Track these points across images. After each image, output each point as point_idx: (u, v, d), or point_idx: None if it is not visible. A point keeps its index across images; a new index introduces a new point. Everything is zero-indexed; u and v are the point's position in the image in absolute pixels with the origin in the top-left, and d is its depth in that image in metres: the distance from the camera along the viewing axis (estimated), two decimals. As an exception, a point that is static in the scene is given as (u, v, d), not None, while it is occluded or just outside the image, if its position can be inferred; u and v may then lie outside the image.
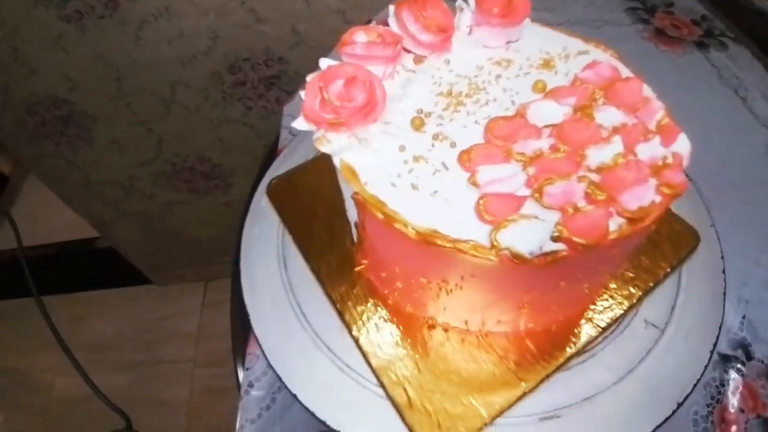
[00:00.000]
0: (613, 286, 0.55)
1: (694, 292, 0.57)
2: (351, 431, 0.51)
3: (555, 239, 0.38)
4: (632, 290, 0.55)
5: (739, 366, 0.57)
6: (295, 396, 0.53)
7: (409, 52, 0.51)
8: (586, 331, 0.53)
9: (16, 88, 1.07)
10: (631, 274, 0.55)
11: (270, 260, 0.62)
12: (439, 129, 0.45)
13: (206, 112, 1.19)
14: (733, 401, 0.56)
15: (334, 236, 0.60)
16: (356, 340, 0.53)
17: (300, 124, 0.45)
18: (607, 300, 0.54)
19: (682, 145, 0.42)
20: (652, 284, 0.55)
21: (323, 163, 0.49)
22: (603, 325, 0.53)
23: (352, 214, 0.50)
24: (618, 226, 0.39)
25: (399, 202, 0.41)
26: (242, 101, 1.19)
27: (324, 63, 0.47)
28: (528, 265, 0.38)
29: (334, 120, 0.43)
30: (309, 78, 0.46)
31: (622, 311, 0.54)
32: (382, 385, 0.51)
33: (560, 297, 0.49)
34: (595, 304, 0.54)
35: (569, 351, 0.51)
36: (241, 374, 0.61)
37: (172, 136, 1.22)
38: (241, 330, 0.63)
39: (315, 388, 0.53)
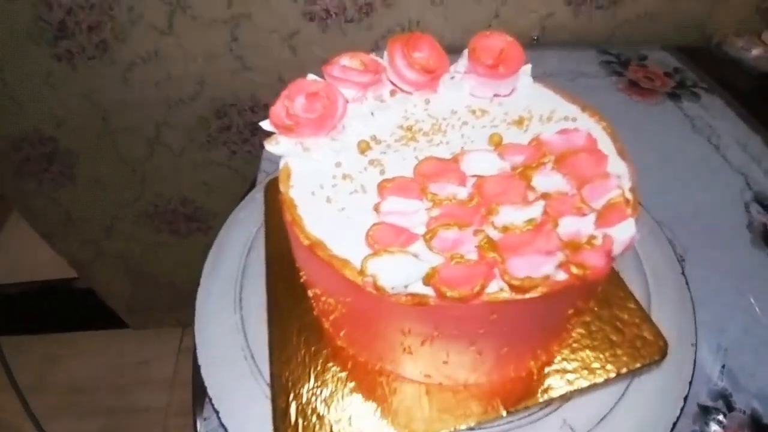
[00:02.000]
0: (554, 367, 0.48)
1: (635, 413, 0.47)
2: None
3: (424, 282, 0.35)
4: (559, 382, 0.47)
5: (720, 418, 0.51)
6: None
7: (395, 85, 0.52)
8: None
9: (3, 122, 1.05)
10: (568, 366, 0.48)
11: (225, 305, 0.57)
12: (380, 156, 0.46)
13: (191, 154, 1.16)
14: (715, 455, 0.50)
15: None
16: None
17: (265, 124, 0.47)
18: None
19: (624, 230, 0.37)
20: (586, 384, 0.47)
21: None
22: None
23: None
24: (499, 289, 0.35)
25: (308, 209, 0.41)
26: (227, 145, 1.17)
27: (310, 77, 0.49)
28: (390, 300, 0.35)
29: (289, 125, 0.45)
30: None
31: (537, 402, 0.46)
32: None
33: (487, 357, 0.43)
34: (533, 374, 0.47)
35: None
36: (200, 424, 0.54)
37: (156, 177, 1.19)
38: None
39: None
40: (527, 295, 0.34)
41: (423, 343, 0.38)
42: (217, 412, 0.47)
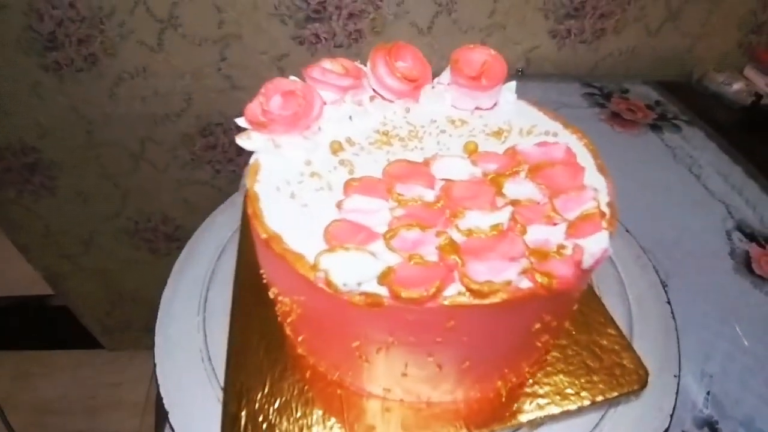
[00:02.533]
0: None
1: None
2: None
3: (379, 281, 0.33)
4: (529, 407, 0.44)
5: (704, 447, 0.48)
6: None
7: (376, 93, 0.51)
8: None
9: (-12, 130, 1.03)
10: (540, 390, 0.45)
11: (189, 306, 0.54)
12: (351, 157, 0.44)
13: (174, 171, 1.14)
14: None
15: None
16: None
17: (240, 121, 0.45)
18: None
19: (596, 242, 0.35)
20: (557, 411, 0.44)
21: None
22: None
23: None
24: (457, 293, 0.32)
25: (271, 203, 0.39)
26: (211, 164, 1.15)
27: (291, 78, 0.49)
28: (343, 299, 0.32)
29: (262, 122, 0.44)
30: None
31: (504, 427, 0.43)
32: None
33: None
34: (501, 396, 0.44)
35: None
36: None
37: (138, 192, 1.16)
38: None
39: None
40: (486, 301, 0.31)
41: (378, 351, 0.36)
42: (166, 413, 0.44)
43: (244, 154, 1.25)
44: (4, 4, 0.86)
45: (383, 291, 0.32)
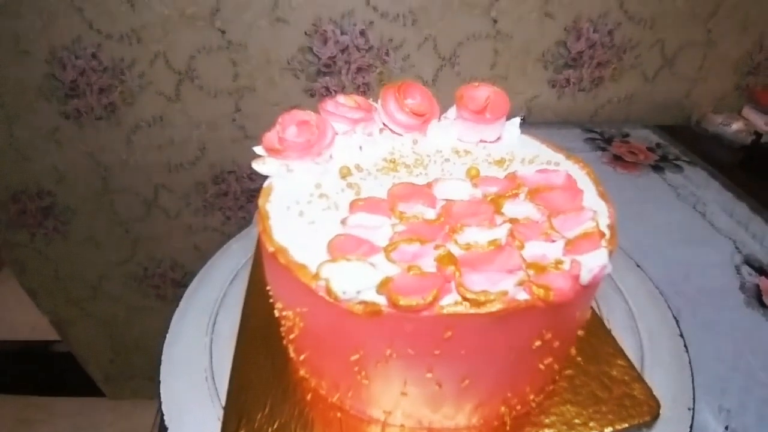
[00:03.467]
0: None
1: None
2: None
3: (378, 290, 0.32)
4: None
5: (726, 484, 0.44)
6: None
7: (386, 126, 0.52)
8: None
9: (5, 173, 1.06)
10: (546, 419, 0.43)
11: (198, 327, 0.53)
12: (359, 181, 0.45)
13: (186, 217, 1.16)
14: None
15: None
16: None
17: (258, 149, 0.47)
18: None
19: (595, 259, 0.35)
20: None
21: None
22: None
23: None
24: (453, 302, 0.32)
25: (280, 220, 0.40)
26: (222, 211, 1.17)
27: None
28: (342, 307, 0.32)
29: (277, 149, 0.45)
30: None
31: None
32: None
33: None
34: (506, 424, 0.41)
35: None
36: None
37: (149, 238, 1.17)
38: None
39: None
40: (483, 310, 0.30)
41: (377, 365, 0.34)
42: (166, 429, 0.43)
43: (255, 201, 1.27)
44: (26, 50, 0.91)
45: (382, 300, 0.31)
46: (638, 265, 0.60)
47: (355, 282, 0.31)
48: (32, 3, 0.88)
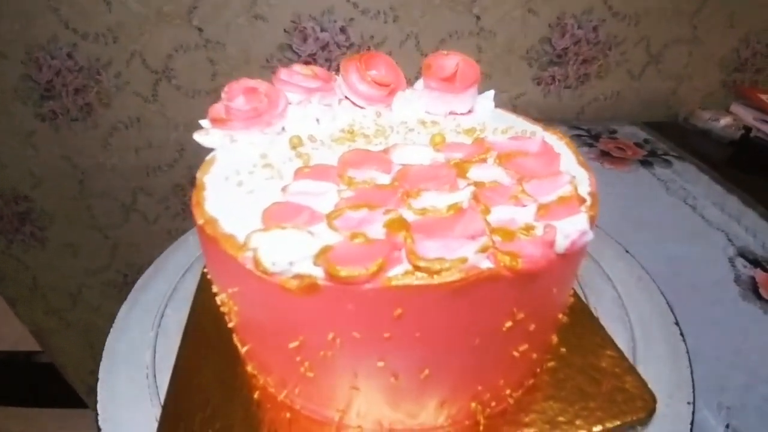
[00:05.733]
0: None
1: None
2: None
3: (315, 261, 0.27)
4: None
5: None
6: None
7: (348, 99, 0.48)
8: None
9: (-19, 180, 1.01)
10: (525, 417, 0.37)
11: (143, 322, 0.48)
12: (310, 151, 0.40)
13: (165, 222, 1.10)
14: None
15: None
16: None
17: (204, 122, 0.43)
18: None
19: (573, 224, 0.30)
20: None
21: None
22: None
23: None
24: (403, 272, 0.26)
25: (216, 192, 0.35)
26: (204, 214, 1.11)
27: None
28: (274, 282, 0.27)
29: (222, 118, 0.41)
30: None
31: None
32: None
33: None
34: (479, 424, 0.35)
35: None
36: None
37: (128, 244, 1.12)
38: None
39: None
40: (437, 280, 0.25)
41: (321, 353, 0.28)
42: (99, 429, 0.38)
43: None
44: (2, 52, 0.86)
45: (319, 272, 0.26)
46: (627, 251, 0.54)
47: (288, 252, 0.26)
48: (8, 3, 0.84)
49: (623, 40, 0.94)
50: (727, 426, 0.42)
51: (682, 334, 0.45)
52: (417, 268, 0.25)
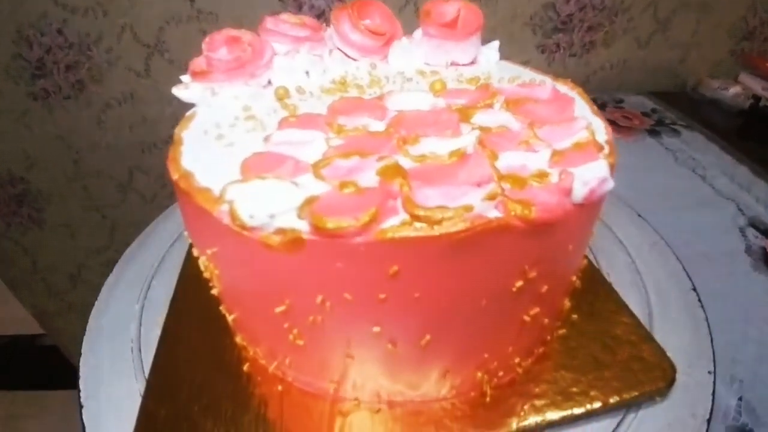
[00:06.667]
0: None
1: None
2: None
3: (298, 214, 0.23)
4: (522, 410, 0.32)
5: (744, 462, 0.35)
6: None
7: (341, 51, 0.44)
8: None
9: (-25, 162, 0.98)
10: (536, 388, 0.34)
11: (130, 294, 0.46)
12: (297, 102, 0.36)
13: (162, 200, 1.07)
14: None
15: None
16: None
17: (184, 77, 0.40)
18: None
19: (591, 171, 0.26)
20: (558, 416, 0.32)
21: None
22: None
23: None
24: (400, 223, 0.23)
25: (193, 145, 0.32)
26: (202, 193, 1.08)
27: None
28: (254, 238, 0.23)
29: (203, 71, 0.38)
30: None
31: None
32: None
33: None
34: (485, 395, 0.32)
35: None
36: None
37: (126, 223, 1.09)
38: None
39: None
40: (437, 231, 0.22)
41: (310, 318, 0.25)
42: (81, 407, 0.36)
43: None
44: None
45: (304, 225, 0.23)
46: (640, 215, 0.51)
47: (268, 204, 0.23)
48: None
49: (630, 6, 0.90)
50: (740, 399, 0.40)
51: (700, 301, 0.42)
52: (415, 217, 0.22)
